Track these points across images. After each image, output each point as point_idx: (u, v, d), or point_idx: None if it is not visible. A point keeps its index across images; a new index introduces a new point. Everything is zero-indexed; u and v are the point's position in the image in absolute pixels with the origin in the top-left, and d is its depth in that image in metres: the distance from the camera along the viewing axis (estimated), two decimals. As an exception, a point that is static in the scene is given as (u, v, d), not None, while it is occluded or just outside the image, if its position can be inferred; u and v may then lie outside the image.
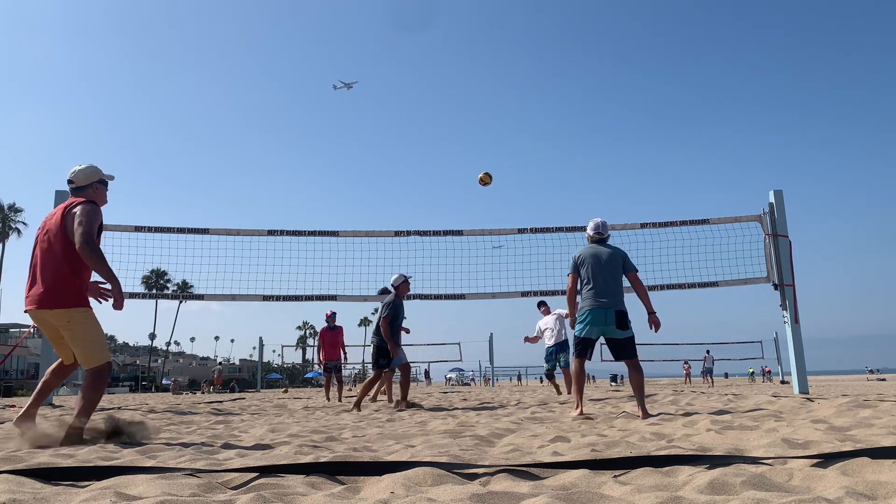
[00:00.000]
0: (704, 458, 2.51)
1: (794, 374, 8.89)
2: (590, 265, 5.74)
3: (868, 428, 3.64)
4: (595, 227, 5.99)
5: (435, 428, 4.79)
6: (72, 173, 4.19)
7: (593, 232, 5.98)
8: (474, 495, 2.01)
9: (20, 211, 55.00)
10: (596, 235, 5.96)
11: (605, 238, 5.97)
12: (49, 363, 9.51)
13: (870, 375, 53.07)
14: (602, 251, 5.83)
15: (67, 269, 3.91)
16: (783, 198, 9.22)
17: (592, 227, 6.00)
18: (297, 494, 2.11)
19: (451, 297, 9.46)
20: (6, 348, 50.22)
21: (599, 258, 5.77)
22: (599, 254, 5.80)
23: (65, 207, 4.02)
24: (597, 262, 5.74)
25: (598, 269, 5.71)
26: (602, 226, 5.97)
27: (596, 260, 5.75)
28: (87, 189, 4.18)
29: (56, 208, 4.12)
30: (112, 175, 4.35)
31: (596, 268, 5.72)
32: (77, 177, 4.18)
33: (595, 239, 5.96)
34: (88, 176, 4.20)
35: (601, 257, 5.78)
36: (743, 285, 9.20)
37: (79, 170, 4.20)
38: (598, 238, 5.96)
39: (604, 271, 5.71)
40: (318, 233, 9.47)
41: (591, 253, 5.82)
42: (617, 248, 5.88)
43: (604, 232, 5.97)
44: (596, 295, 5.65)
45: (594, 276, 5.70)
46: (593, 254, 5.81)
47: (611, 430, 4.26)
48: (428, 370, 46.19)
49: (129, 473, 2.41)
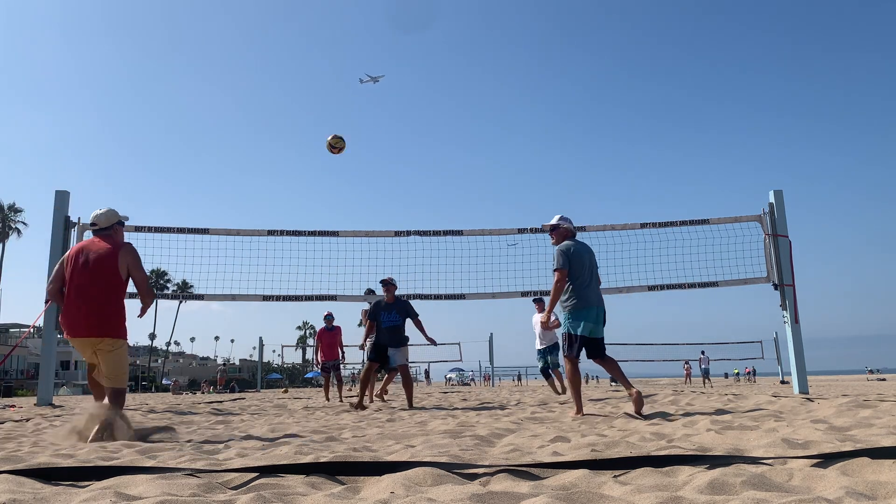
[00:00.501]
0: (704, 458, 2.51)
1: (794, 374, 8.89)
2: (582, 262, 5.57)
3: (868, 428, 3.64)
4: (568, 219, 5.83)
5: (435, 428, 4.79)
6: (94, 217, 4.76)
7: (571, 226, 5.82)
8: (474, 495, 2.01)
9: (20, 211, 55.00)
10: (574, 230, 5.82)
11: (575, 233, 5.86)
12: (49, 363, 9.47)
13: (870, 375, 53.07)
14: (587, 249, 5.71)
15: (116, 304, 4.51)
16: (783, 198, 9.22)
17: (566, 220, 5.81)
18: (297, 494, 2.11)
19: (451, 297, 9.46)
20: (6, 348, 50.21)
21: (588, 255, 5.65)
22: (586, 250, 5.67)
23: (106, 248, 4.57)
24: (587, 258, 5.62)
25: (589, 265, 5.61)
26: (570, 220, 5.86)
27: (587, 256, 5.62)
28: (109, 230, 4.76)
29: (87, 243, 4.68)
30: (127, 216, 4.97)
31: (588, 264, 5.60)
32: (100, 220, 4.76)
33: (573, 233, 5.81)
34: (109, 218, 4.79)
35: (589, 254, 5.67)
36: (743, 285, 9.21)
37: (100, 213, 4.78)
38: (573, 232, 5.81)
39: (593, 268, 5.64)
40: (318, 233, 9.47)
41: (580, 248, 5.64)
42: (591, 248, 5.81)
43: (574, 228, 5.87)
44: (591, 292, 5.54)
45: (588, 272, 5.57)
46: (582, 250, 5.64)
47: (611, 430, 4.26)
48: (428, 370, 46.27)
49: (129, 473, 2.41)
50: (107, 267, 4.49)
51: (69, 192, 9.37)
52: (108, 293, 4.48)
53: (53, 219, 9.18)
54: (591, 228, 9.54)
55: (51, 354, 9.20)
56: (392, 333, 8.13)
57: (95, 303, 4.45)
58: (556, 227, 5.78)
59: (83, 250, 4.60)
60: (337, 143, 8.29)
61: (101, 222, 4.74)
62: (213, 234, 9.44)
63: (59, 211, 9.20)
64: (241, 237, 9.48)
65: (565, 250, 5.60)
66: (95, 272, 4.48)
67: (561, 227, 5.78)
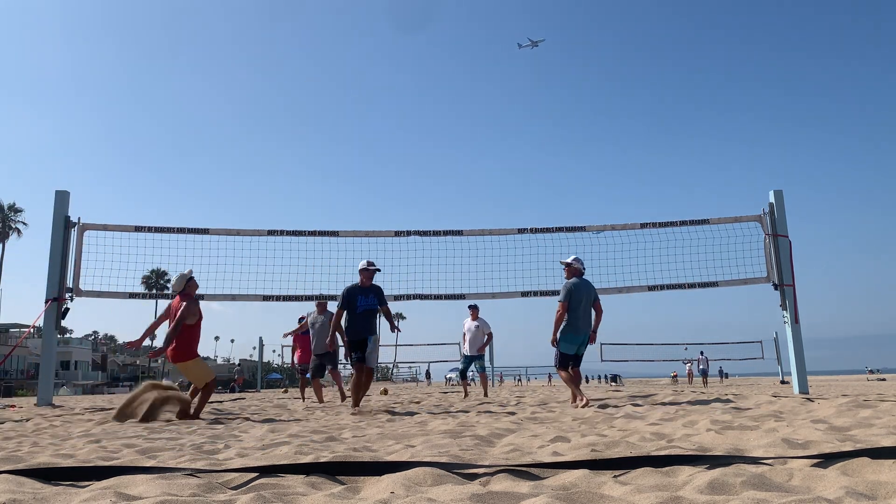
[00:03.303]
0: (704, 458, 2.51)
1: (794, 374, 8.89)
2: (580, 297, 7.02)
3: (868, 428, 3.64)
4: (580, 261, 7.25)
5: (435, 428, 4.79)
6: (172, 286, 6.93)
7: (580, 265, 7.22)
8: (474, 495, 2.01)
9: (20, 211, 54.96)
10: (581, 269, 7.21)
11: (583, 272, 7.25)
12: (49, 363, 9.51)
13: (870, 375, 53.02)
14: (586, 286, 7.13)
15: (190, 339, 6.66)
16: (783, 198, 9.22)
17: (578, 261, 7.23)
18: (297, 494, 2.11)
19: (451, 297, 9.46)
20: (6, 348, 50.19)
21: (586, 292, 7.08)
22: (585, 287, 7.10)
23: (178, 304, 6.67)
24: (584, 295, 7.05)
25: (584, 300, 7.03)
26: (581, 261, 7.28)
27: (584, 293, 7.06)
28: (184, 290, 6.75)
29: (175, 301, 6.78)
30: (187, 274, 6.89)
31: (583, 300, 7.04)
32: (175, 286, 6.83)
33: (580, 272, 7.19)
34: (180, 283, 6.80)
35: (586, 290, 7.09)
36: (743, 285, 9.21)
37: (175, 282, 6.88)
38: (580, 271, 7.20)
39: (586, 303, 7.07)
40: (318, 233, 9.47)
41: (580, 286, 7.06)
42: (590, 282, 7.21)
43: (583, 267, 7.27)
44: (581, 321, 7.04)
45: (581, 306, 7.01)
46: (582, 287, 7.07)
47: (611, 430, 4.26)
48: (428, 370, 46.33)
49: (129, 473, 2.41)
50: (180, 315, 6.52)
51: (69, 192, 9.37)
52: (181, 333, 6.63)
53: (53, 219, 9.18)
54: (591, 228, 9.54)
55: (51, 354, 9.20)
56: (369, 318, 7.30)
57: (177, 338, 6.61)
58: (569, 265, 7.24)
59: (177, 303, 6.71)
60: None
61: (176, 288, 6.78)
62: (213, 234, 9.44)
63: (59, 211, 9.20)
64: (241, 237, 9.48)
65: (569, 287, 7.06)
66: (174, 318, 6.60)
67: (572, 266, 7.22)
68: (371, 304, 7.27)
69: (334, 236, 9.48)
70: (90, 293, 9.13)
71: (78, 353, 65.79)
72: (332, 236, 9.48)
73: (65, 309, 9.09)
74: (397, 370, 57.38)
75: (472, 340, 11.27)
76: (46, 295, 8.95)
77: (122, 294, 9.28)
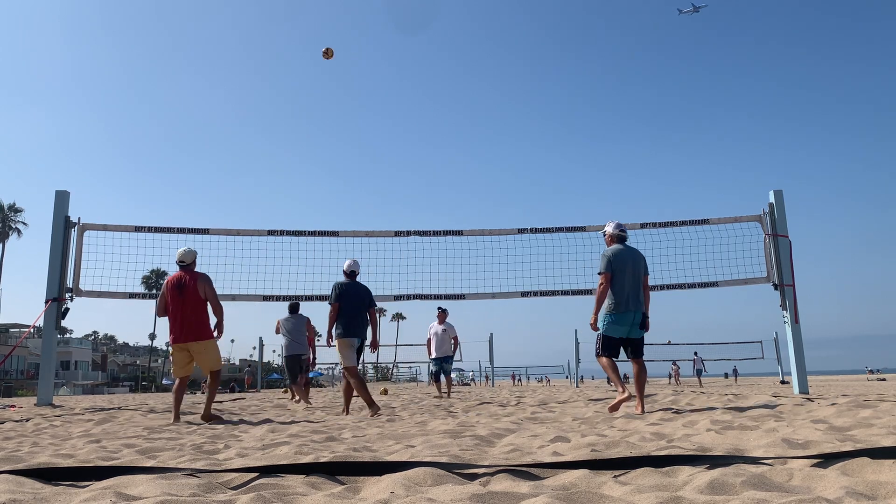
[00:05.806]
0: (704, 458, 2.51)
1: (794, 374, 8.89)
2: (623, 267, 5.70)
3: (868, 428, 3.64)
4: (618, 225, 5.98)
5: (435, 428, 4.79)
6: (181, 256, 6.27)
7: (619, 231, 5.95)
8: (474, 495, 2.01)
9: (20, 211, 55.02)
10: (622, 234, 5.94)
11: (626, 237, 5.98)
12: (49, 363, 9.49)
13: (870, 375, 53.04)
14: (632, 253, 5.84)
15: (205, 316, 6.22)
16: (783, 198, 9.22)
17: (615, 226, 5.97)
18: (297, 494, 2.12)
19: (451, 297, 9.46)
20: (6, 348, 50.20)
21: (631, 260, 5.76)
22: (630, 255, 5.80)
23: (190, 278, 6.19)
24: (629, 264, 5.73)
25: (630, 271, 5.71)
26: (622, 225, 6.00)
27: (629, 262, 5.73)
28: (191, 264, 6.29)
29: (179, 274, 6.24)
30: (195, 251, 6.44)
31: (628, 270, 5.71)
32: (185, 258, 6.27)
33: (621, 238, 5.93)
34: (191, 255, 6.31)
35: (632, 259, 5.77)
36: (743, 285, 9.21)
37: (185, 252, 6.30)
38: (622, 237, 5.94)
39: (634, 274, 5.72)
40: (318, 233, 9.46)
41: (625, 255, 5.77)
42: (638, 251, 5.92)
43: (625, 231, 5.99)
44: (629, 297, 5.67)
45: (627, 278, 5.69)
46: (626, 255, 5.77)
47: (611, 430, 4.26)
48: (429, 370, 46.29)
49: (129, 473, 2.41)
50: (197, 292, 6.16)
51: (69, 192, 9.37)
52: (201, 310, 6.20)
53: (53, 219, 9.18)
54: (591, 229, 9.54)
55: (51, 354, 9.20)
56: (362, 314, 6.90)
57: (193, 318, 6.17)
58: (608, 233, 6.04)
59: (175, 279, 6.21)
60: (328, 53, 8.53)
61: (186, 260, 6.27)
62: (213, 234, 9.44)
63: (59, 211, 9.20)
64: (241, 237, 9.47)
65: (608, 256, 5.79)
66: (190, 297, 6.14)
67: (608, 233, 6.03)
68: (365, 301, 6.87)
69: (334, 236, 9.48)
70: (90, 293, 9.13)
71: (78, 353, 65.83)
72: (332, 236, 9.48)
73: (65, 309, 9.09)
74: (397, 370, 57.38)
75: (439, 344, 11.59)
76: (46, 295, 8.95)
77: (122, 294, 9.28)
